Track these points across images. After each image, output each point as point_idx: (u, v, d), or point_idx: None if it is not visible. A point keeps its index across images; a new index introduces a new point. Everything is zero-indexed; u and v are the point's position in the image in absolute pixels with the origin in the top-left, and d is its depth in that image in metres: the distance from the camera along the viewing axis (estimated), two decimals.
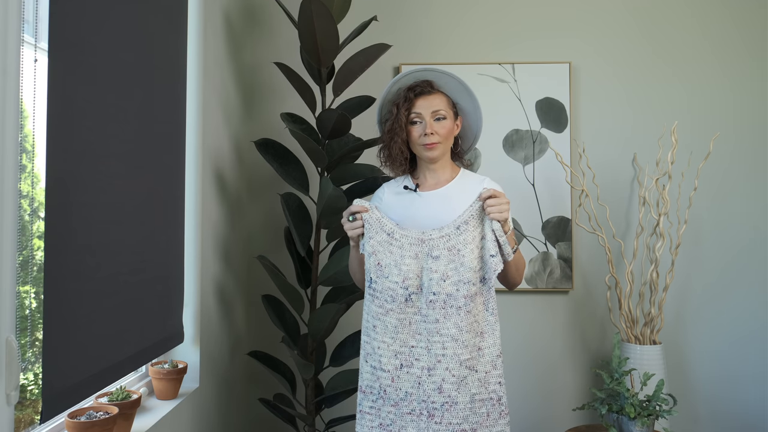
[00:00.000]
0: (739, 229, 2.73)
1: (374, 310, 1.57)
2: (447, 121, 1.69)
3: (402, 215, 1.70)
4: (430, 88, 1.71)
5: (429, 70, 1.72)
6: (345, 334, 2.51)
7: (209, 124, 2.20)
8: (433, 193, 1.72)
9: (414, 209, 1.70)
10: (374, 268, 1.57)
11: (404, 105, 1.68)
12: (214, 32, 2.29)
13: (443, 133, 1.68)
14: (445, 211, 1.66)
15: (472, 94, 1.73)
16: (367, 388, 1.60)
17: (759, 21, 2.75)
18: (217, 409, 2.30)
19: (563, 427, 2.71)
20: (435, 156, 1.70)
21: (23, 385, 1.24)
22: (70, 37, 1.22)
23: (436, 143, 1.67)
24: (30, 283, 1.27)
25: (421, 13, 2.80)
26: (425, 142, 1.67)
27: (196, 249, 2.05)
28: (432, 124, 1.67)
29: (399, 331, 1.55)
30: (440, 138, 1.67)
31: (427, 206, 1.70)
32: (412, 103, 1.68)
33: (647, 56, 2.77)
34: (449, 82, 1.73)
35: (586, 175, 2.73)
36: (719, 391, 2.71)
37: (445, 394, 1.52)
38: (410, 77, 1.73)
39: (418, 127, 1.68)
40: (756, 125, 2.74)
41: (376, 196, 1.79)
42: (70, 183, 1.23)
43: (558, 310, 2.76)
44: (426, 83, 1.71)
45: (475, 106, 1.75)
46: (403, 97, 1.70)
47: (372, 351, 1.58)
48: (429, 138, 1.66)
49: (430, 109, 1.67)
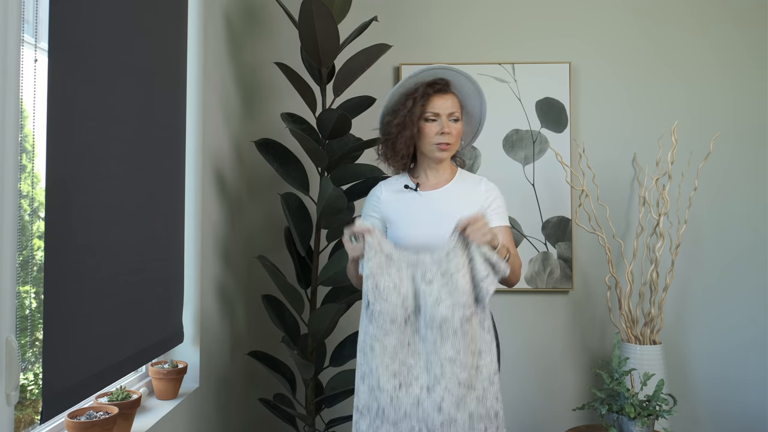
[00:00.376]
0: (739, 229, 2.73)
1: (372, 331, 1.55)
2: (459, 123, 1.70)
3: (403, 214, 1.70)
4: (447, 87, 1.71)
5: (449, 70, 1.72)
6: (345, 334, 2.51)
7: (209, 125, 2.20)
8: (435, 193, 1.72)
9: (416, 209, 1.70)
10: (372, 290, 1.55)
11: (421, 100, 1.67)
12: (214, 32, 2.29)
13: (456, 134, 1.69)
14: (448, 209, 1.67)
15: (484, 98, 1.74)
16: (364, 408, 1.57)
17: (759, 21, 2.75)
18: (217, 409, 2.30)
19: (563, 427, 2.71)
20: (445, 156, 1.70)
21: (23, 385, 1.24)
22: (70, 38, 1.22)
23: (450, 144, 1.68)
24: (30, 283, 1.27)
25: (421, 13, 2.80)
26: (440, 141, 1.67)
27: (196, 249, 2.05)
28: (448, 124, 1.67)
29: (398, 351, 1.54)
30: (453, 139, 1.68)
31: (429, 205, 1.70)
32: (429, 99, 1.67)
33: (647, 56, 2.77)
34: (465, 85, 1.73)
35: (586, 175, 2.73)
36: (719, 391, 2.71)
37: (445, 413, 1.50)
38: (430, 73, 1.71)
39: (434, 125, 1.68)
40: (756, 125, 2.74)
41: (373, 195, 1.79)
42: (70, 183, 1.23)
43: (558, 310, 2.76)
44: (444, 82, 1.71)
45: (483, 110, 1.76)
46: (422, 92, 1.68)
47: (369, 371, 1.56)
48: (445, 137, 1.66)
49: (447, 110, 1.67)
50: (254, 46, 2.79)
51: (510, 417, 2.72)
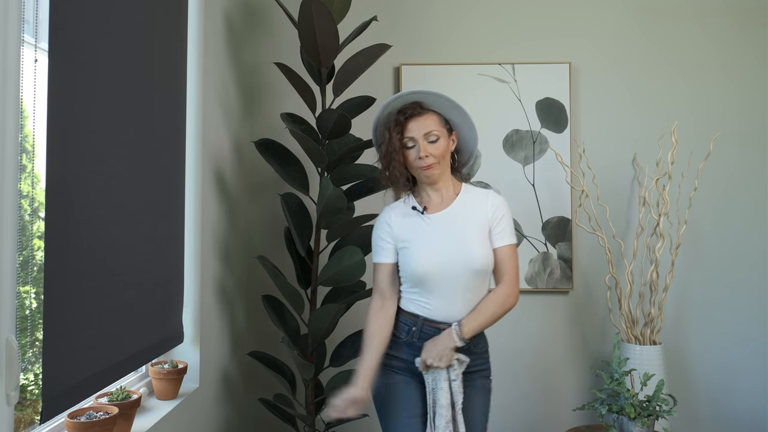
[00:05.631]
0: (740, 229, 2.73)
1: None
2: (441, 140, 1.69)
3: (414, 238, 1.71)
4: (420, 109, 1.70)
5: (415, 93, 1.72)
6: (345, 334, 2.51)
7: (209, 124, 2.20)
8: (440, 215, 1.72)
9: (426, 233, 1.71)
10: None
11: (395, 129, 1.68)
12: (214, 32, 2.29)
13: (438, 154, 1.68)
14: (454, 230, 1.69)
15: (462, 109, 1.72)
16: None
17: (759, 21, 2.75)
18: (217, 409, 2.30)
19: (563, 427, 2.71)
20: (434, 177, 1.70)
21: (23, 385, 1.24)
22: (70, 37, 1.22)
23: (432, 164, 1.67)
24: (30, 283, 1.27)
25: (421, 13, 2.80)
26: (421, 165, 1.67)
27: (196, 249, 2.05)
28: (426, 146, 1.67)
29: None
30: (436, 159, 1.68)
31: (438, 228, 1.70)
32: (403, 126, 1.68)
33: (647, 56, 2.77)
34: (437, 101, 1.72)
35: (586, 175, 2.73)
36: (719, 391, 2.71)
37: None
38: (399, 101, 1.72)
39: (412, 151, 1.69)
40: (756, 125, 2.74)
41: (383, 221, 1.77)
42: (70, 183, 1.23)
43: (558, 310, 2.76)
44: (416, 105, 1.70)
45: (467, 121, 1.74)
46: (394, 120, 1.70)
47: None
48: (425, 161, 1.67)
49: (422, 131, 1.67)
50: (254, 46, 2.78)
51: (510, 417, 2.72)
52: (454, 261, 1.65)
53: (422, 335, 1.69)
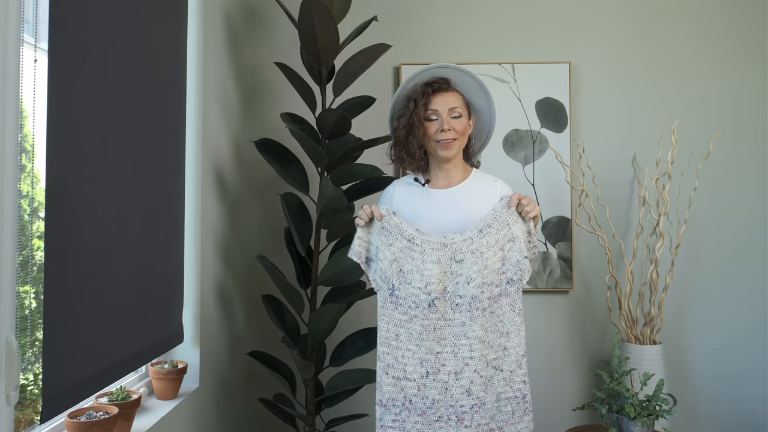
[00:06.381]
0: (739, 229, 2.73)
1: (397, 318, 1.57)
2: (463, 118, 1.69)
3: (412, 210, 1.70)
4: (447, 85, 1.71)
5: (447, 68, 1.72)
6: (345, 334, 2.51)
7: (209, 124, 2.20)
8: (441, 193, 1.71)
9: (425, 206, 1.70)
10: (396, 274, 1.57)
11: (422, 100, 1.68)
12: (214, 32, 2.29)
13: (460, 130, 1.68)
14: (451, 212, 1.67)
15: (488, 92, 1.74)
16: (389, 402, 1.57)
17: (758, 21, 2.75)
18: (217, 409, 2.30)
19: (563, 427, 2.71)
20: (450, 154, 1.69)
21: (23, 385, 1.24)
22: (70, 38, 1.22)
23: (453, 140, 1.67)
24: (30, 283, 1.27)
25: (421, 13, 2.80)
26: (441, 138, 1.67)
27: (196, 249, 2.05)
28: (449, 120, 1.67)
29: (423, 338, 1.55)
30: (456, 134, 1.68)
31: (433, 205, 1.69)
32: (429, 98, 1.68)
33: (647, 56, 2.77)
34: (465, 81, 1.72)
35: (586, 175, 2.73)
36: (719, 391, 2.71)
37: (474, 396, 1.52)
38: (428, 73, 1.72)
39: (434, 123, 1.68)
40: (756, 125, 2.74)
41: (387, 193, 1.78)
42: (70, 183, 1.23)
43: (558, 310, 2.76)
44: (443, 80, 1.71)
45: (490, 105, 1.75)
46: (421, 92, 1.69)
47: (394, 361, 1.56)
48: (446, 134, 1.66)
49: (447, 106, 1.67)
50: (254, 46, 2.79)
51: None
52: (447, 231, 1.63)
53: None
